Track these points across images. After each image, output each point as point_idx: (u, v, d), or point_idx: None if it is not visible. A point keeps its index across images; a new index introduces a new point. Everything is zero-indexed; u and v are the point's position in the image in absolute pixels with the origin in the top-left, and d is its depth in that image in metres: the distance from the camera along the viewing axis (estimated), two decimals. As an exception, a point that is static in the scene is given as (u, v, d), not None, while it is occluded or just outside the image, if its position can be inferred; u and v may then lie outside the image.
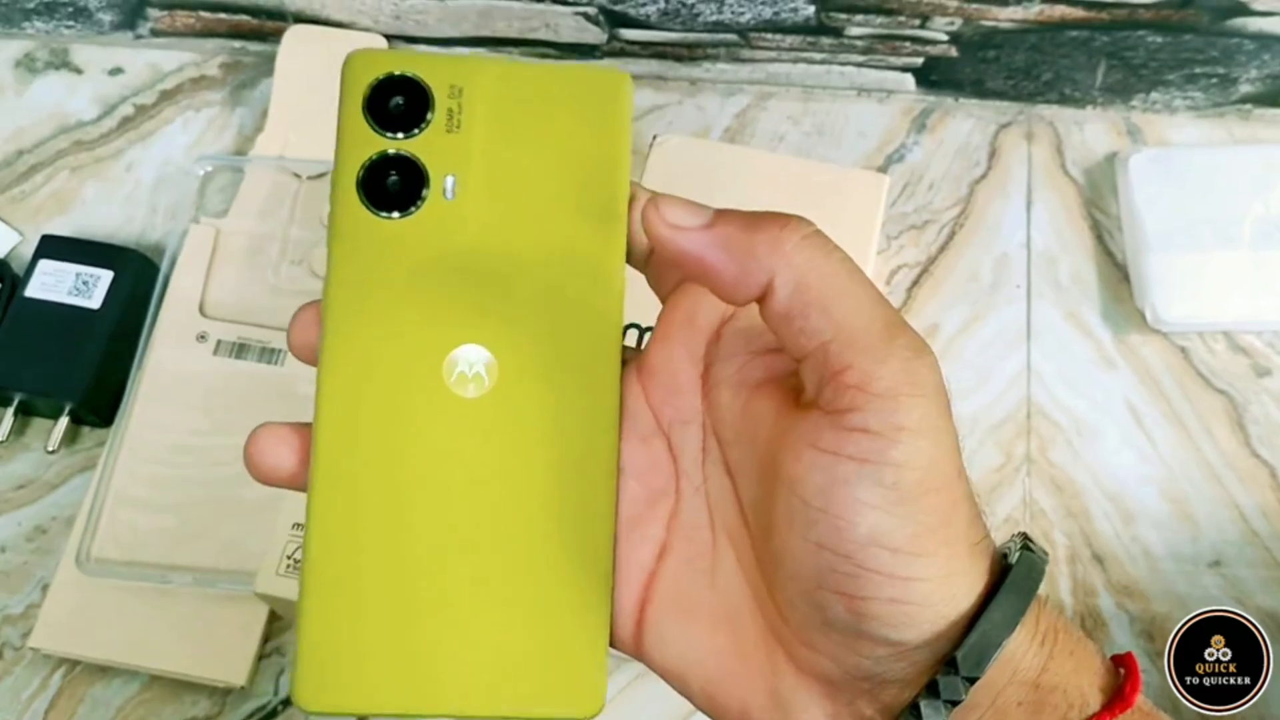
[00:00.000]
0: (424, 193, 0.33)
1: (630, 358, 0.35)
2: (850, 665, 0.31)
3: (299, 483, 0.33)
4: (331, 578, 0.32)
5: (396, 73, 0.33)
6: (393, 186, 0.33)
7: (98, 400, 0.66)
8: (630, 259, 0.34)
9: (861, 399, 0.29)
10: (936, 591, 0.29)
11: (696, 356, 0.34)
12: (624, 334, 0.34)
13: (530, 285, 0.33)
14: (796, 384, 0.32)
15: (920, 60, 0.74)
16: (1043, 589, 0.31)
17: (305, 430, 0.33)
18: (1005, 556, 0.32)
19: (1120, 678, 0.32)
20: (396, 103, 0.33)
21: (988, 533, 0.32)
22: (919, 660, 0.30)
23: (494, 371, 0.33)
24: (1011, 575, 0.31)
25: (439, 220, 0.33)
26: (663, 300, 0.35)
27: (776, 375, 0.33)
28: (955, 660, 0.30)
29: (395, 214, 0.33)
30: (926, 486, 0.29)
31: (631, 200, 0.34)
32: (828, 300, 0.29)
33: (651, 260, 0.34)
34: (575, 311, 0.34)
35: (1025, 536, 0.33)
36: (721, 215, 0.31)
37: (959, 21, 0.70)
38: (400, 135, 0.33)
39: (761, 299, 0.30)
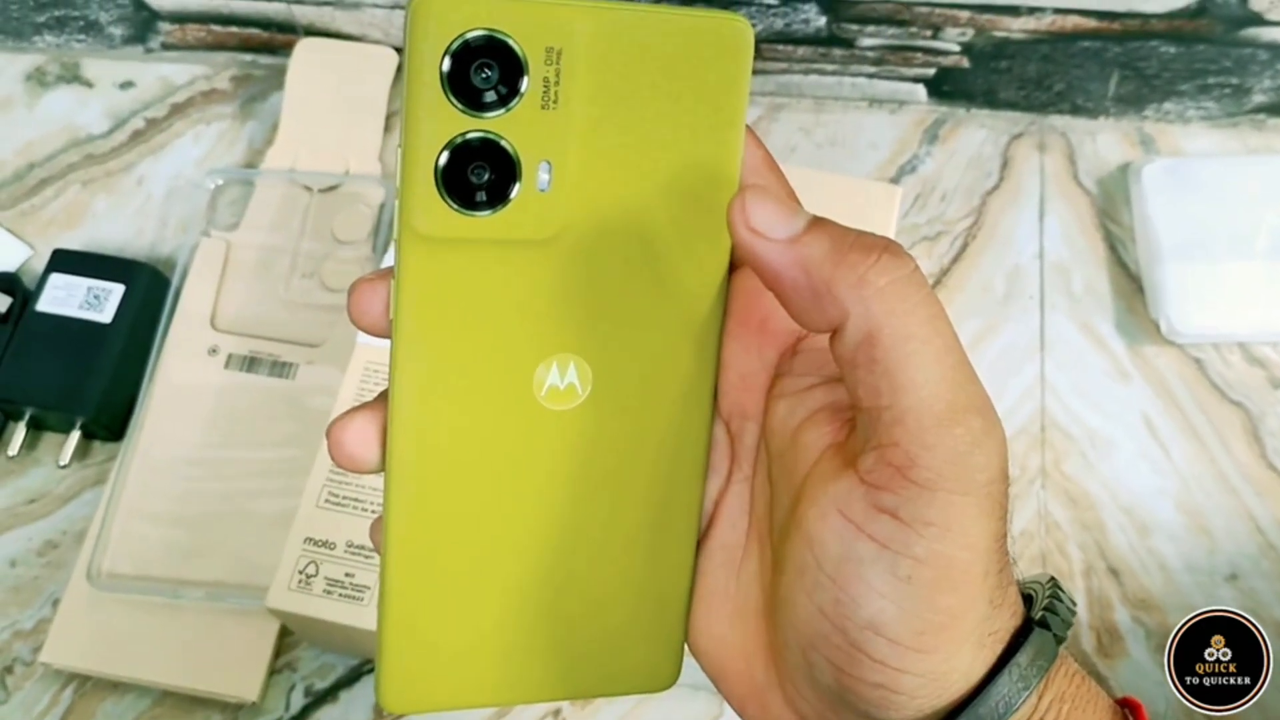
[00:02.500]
0: (515, 184, 0.28)
1: None
2: None
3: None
4: (412, 580, 0.31)
5: (483, 31, 0.27)
6: (477, 177, 0.28)
7: (109, 414, 0.66)
8: None
9: (899, 483, 0.27)
10: (927, 686, 0.28)
11: (769, 362, 0.32)
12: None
13: (629, 290, 0.30)
14: (853, 421, 0.30)
15: (932, 71, 0.73)
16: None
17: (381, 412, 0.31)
18: (1017, 632, 0.30)
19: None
20: (483, 74, 0.27)
21: (1002, 613, 0.29)
22: None
23: (589, 382, 0.30)
24: (1018, 657, 0.29)
25: (531, 216, 0.29)
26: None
27: (838, 406, 0.31)
28: None
29: (480, 212, 0.28)
30: (942, 587, 0.27)
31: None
32: (895, 362, 0.27)
33: None
34: (674, 319, 0.31)
35: (1054, 585, 0.31)
36: (814, 229, 0.28)
37: (971, 32, 0.70)
38: (487, 114, 0.28)
39: (832, 334, 0.28)
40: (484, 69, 0.27)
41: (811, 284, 0.27)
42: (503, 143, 0.28)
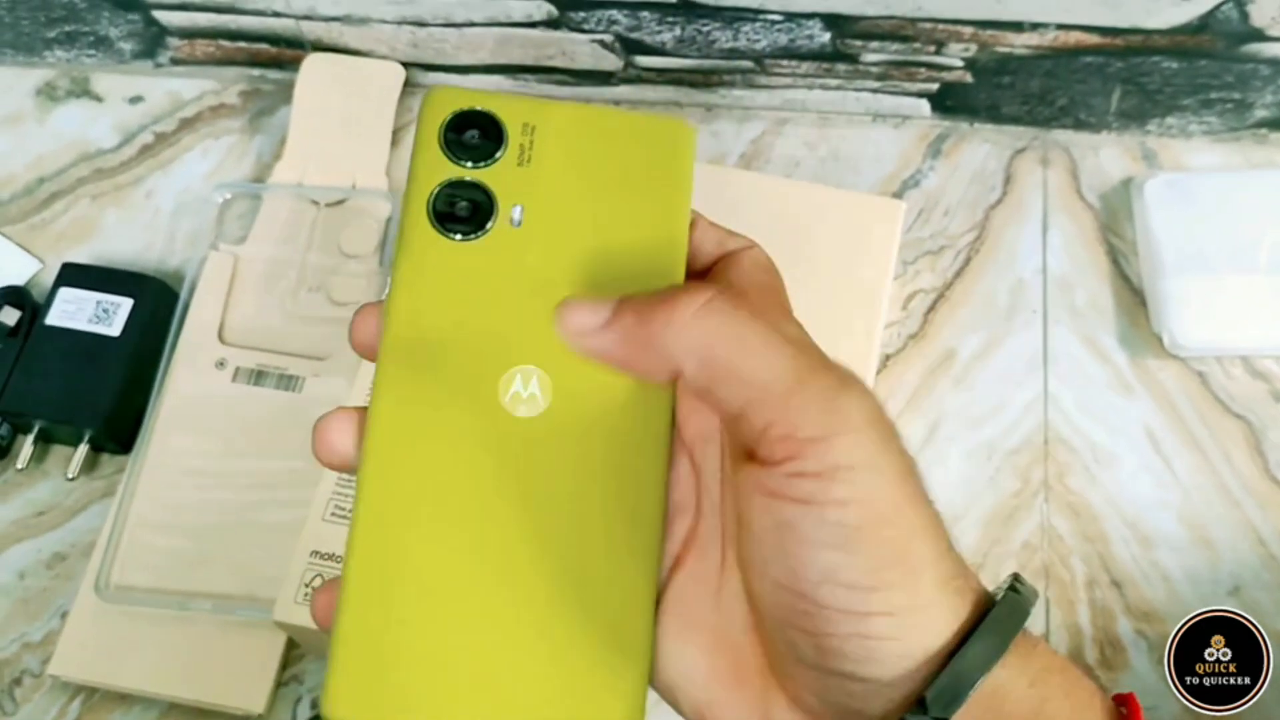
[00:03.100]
0: (492, 219, 0.35)
1: None
2: (829, 700, 0.30)
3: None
4: (371, 590, 0.32)
5: (475, 108, 0.35)
6: (462, 211, 0.35)
7: (117, 427, 0.66)
8: None
9: (794, 447, 0.29)
10: (899, 626, 0.29)
11: None
12: None
13: None
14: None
15: (935, 86, 0.74)
16: (1032, 626, 0.31)
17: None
18: (993, 598, 0.32)
19: (1122, 717, 0.32)
20: (472, 135, 0.35)
21: (965, 572, 0.31)
22: (892, 698, 0.30)
23: (548, 392, 0.33)
24: (991, 614, 0.30)
25: (505, 246, 0.34)
26: None
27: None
28: (925, 700, 0.29)
29: (463, 237, 0.34)
30: (875, 520, 0.29)
31: (692, 227, 0.35)
32: (733, 366, 0.30)
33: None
34: None
35: (1015, 576, 0.32)
36: (620, 309, 0.32)
37: (974, 48, 0.70)
38: (473, 165, 0.35)
39: (683, 383, 0.31)
40: (473, 132, 0.35)
41: (637, 350, 0.32)
42: (484, 185, 0.35)
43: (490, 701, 0.32)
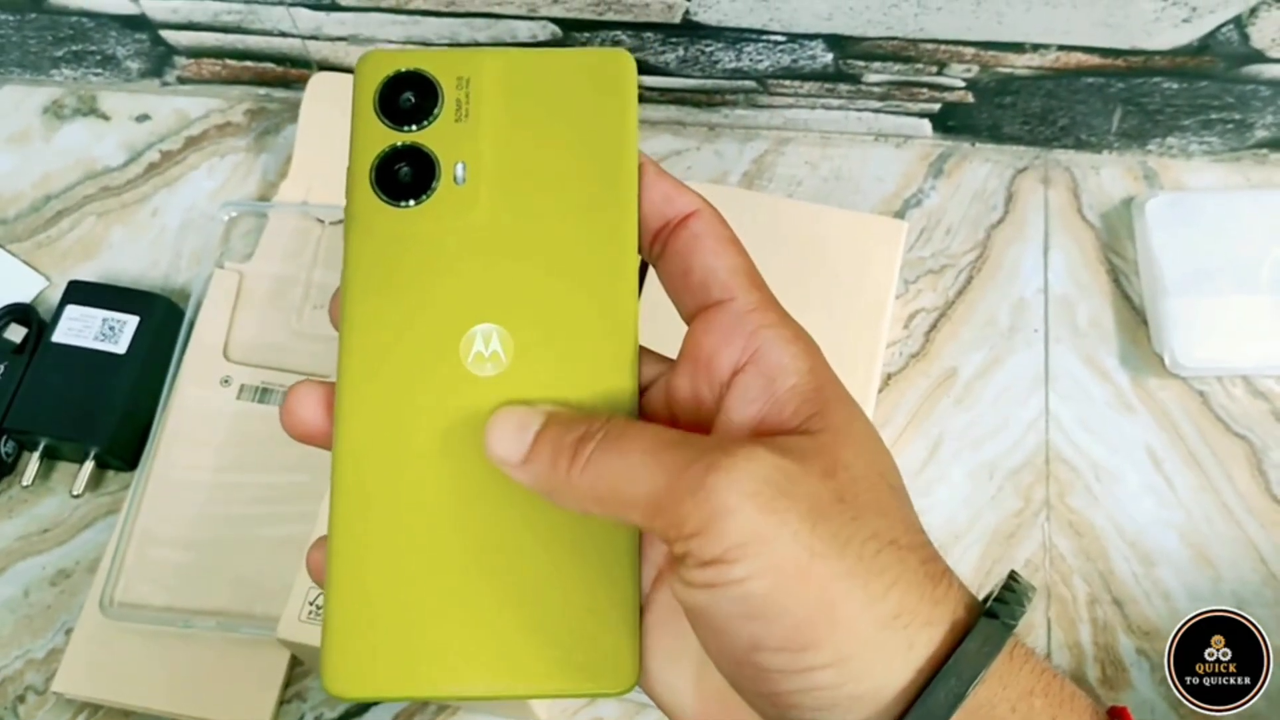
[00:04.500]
0: (435, 180, 0.34)
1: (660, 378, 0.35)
2: None
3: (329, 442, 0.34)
4: (355, 563, 0.32)
5: (405, 69, 0.35)
6: (405, 176, 0.34)
7: (123, 445, 0.66)
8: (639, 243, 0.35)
9: (684, 545, 0.29)
10: (841, 673, 0.29)
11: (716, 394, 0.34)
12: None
13: (544, 265, 0.34)
14: None
15: (937, 106, 0.74)
16: (1030, 638, 0.31)
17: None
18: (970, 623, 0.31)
19: None
20: (406, 97, 0.35)
21: (915, 607, 0.30)
22: None
23: (510, 350, 0.33)
24: (961, 648, 0.30)
25: (451, 205, 0.34)
26: (669, 294, 0.35)
27: None
28: None
29: (408, 202, 0.34)
30: (781, 586, 0.28)
31: (640, 171, 0.35)
32: (621, 497, 0.30)
33: (657, 253, 0.35)
34: (589, 289, 0.34)
35: (1008, 582, 0.32)
36: (538, 444, 0.32)
37: (976, 69, 0.71)
38: (410, 128, 0.34)
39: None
40: (407, 94, 0.35)
41: (551, 495, 0.32)
42: (423, 148, 0.34)
43: (483, 659, 0.32)
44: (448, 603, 0.32)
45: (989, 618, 0.30)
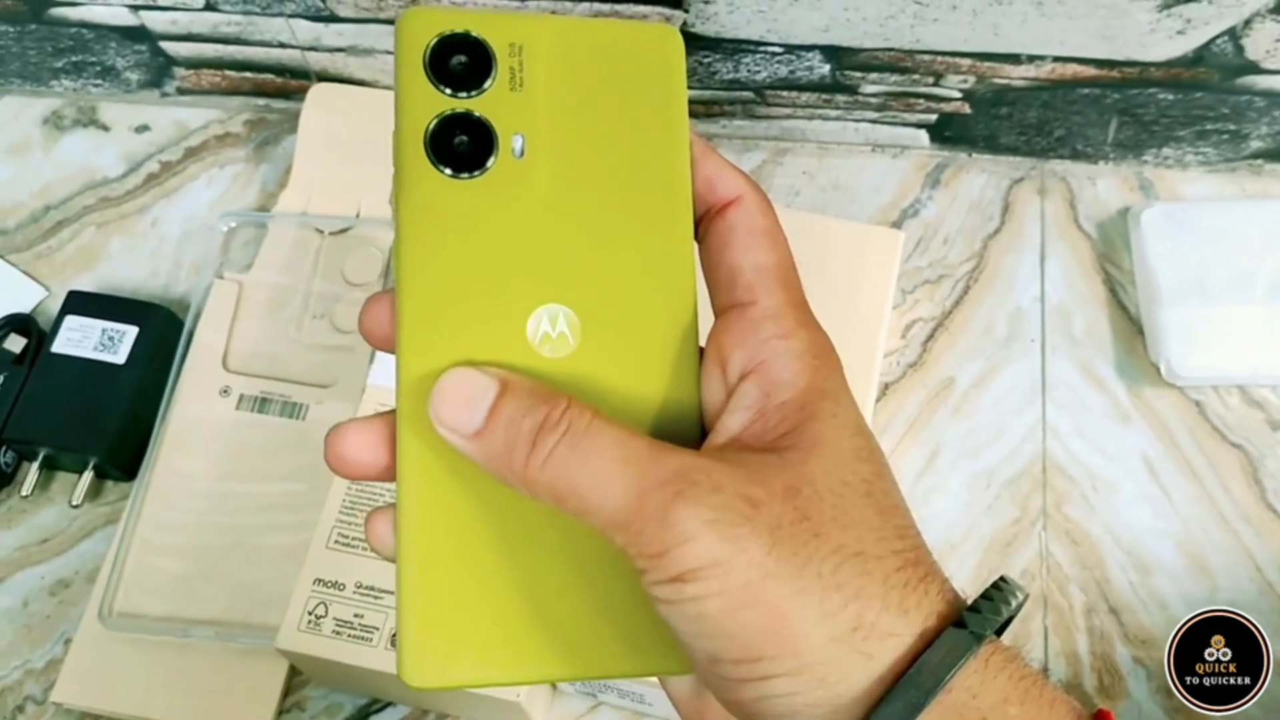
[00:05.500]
0: (494, 152, 0.33)
1: None
2: None
3: (390, 475, 0.33)
4: (428, 555, 0.32)
5: (458, 30, 0.33)
6: (462, 146, 0.33)
7: (122, 455, 0.67)
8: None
9: (644, 561, 0.29)
10: (796, 683, 0.29)
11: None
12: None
13: (605, 244, 0.33)
14: None
15: (934, 117, 0.75)
16: (1026, 649, 0.31)
17: (388, 421, 0.33)
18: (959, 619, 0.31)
19: None
20: (459, 61, 0.33)
21: (876, 621, 0.30)
22: None
23: (576, 331, 0.33)
24: (920, 662, 0.30)
25: (511, 179, 0.33)
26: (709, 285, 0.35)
27: None
28: None
29: (467, 174, 0.32)
30: (732, 607, 0.29)
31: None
32: (581, 501, 0.30)
33: (700, 236, 0.35)
34: (651, 271, 0.33)
35: (993, 587, 0.32)
36: (492, 419, 0.31)
37: (972, 80, 0.71)
38: (465, 94, 0.33)
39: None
40: (460, 58, 0.33)
41: (500, 474, 0.31)
42: (481, 117, 0.33)
43: (557, 647, 0.32)
44: (520, 592, 0.32)
45: (957, 627, 0.30)
